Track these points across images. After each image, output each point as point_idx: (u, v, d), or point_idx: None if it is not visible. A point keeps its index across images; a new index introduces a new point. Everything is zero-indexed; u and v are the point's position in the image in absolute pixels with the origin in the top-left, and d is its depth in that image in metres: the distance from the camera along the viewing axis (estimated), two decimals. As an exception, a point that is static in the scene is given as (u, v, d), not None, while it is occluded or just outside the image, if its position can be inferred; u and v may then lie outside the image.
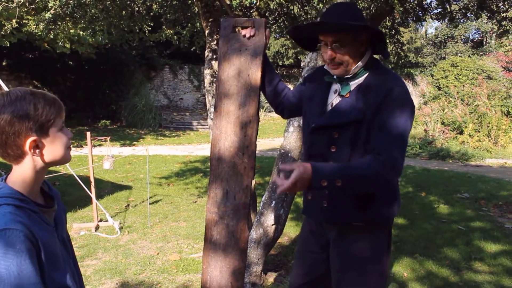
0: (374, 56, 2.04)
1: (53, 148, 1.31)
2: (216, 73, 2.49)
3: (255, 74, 2.09)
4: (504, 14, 6.15)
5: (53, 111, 1.29)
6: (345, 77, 1.98)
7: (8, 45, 11.73)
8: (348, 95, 1.97)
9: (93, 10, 5.86)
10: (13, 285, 1.14)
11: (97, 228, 5.45)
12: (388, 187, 1.99)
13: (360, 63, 1.95)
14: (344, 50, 1.93)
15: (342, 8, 1.97)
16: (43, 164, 1.32)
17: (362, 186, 1.87)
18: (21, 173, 1.29)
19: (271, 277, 3.97)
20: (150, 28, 7.44)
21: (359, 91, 1.94)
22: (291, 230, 5.36)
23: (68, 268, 1.37)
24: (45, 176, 1.41)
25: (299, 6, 6.33)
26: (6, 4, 5.82)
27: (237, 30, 2.18)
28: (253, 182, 2.05)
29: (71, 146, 1.41)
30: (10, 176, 1.30)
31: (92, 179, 5.66)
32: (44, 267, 1.24)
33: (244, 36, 2.13)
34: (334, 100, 2.03)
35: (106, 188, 7.65)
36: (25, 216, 1.23)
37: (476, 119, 14.13)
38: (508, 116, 14.26)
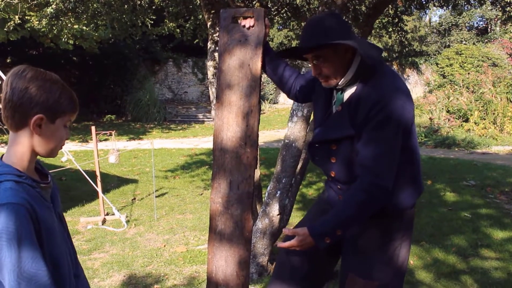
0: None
1: (50, 137, 1.35)
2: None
3: (256, 64, 2.09)
4: (508, 0, 6.11)
5: (70, 107, 1.37)
6: (338, 87, 1.97)
7: (11, 38, 11.70)
8: (340, 109, 1.97)
9: (95, 5, 5.87)
10: (14, 258, 1.18)
11: (104, 221, 5.48)
12: (387, 200, 1.92)
13: (349, 72, 1.92)
14: (328, 64, 1.91)
15: (314, 25, 1.91)
16: (33, 149, 1.35)
17: (358, 220, 1.90)
18: (18, 151, 1.33)
19: (277, 267, 3.99)
20: (152, 22, 7.44)
21: (350, 103, 1.92)
22: (297, 220, 5.32)
23: (65, 245, 1.42)
24: (51, 171, 1.44)
25: (301, -4, 6.31)
26: (8, 0, 5.83)
27: (238, 20, 2.17)
28: (258, 172, 2.06)
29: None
30: (6, 156, 1.34)
31: (98, 174, 5.70)
32: (44, 242, 1.28)
33: (244, 26, 2.12)
34: (332, 109, 2.04)
35: (112, 182, 7.68)
36: (25, 191, 1.27)
37: (481, 106, 14.05)
38: (514, 103, 14.19)
